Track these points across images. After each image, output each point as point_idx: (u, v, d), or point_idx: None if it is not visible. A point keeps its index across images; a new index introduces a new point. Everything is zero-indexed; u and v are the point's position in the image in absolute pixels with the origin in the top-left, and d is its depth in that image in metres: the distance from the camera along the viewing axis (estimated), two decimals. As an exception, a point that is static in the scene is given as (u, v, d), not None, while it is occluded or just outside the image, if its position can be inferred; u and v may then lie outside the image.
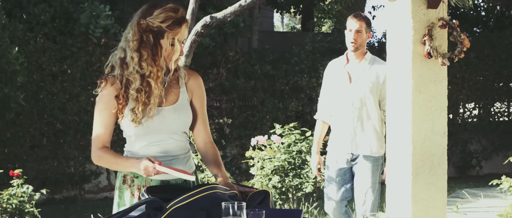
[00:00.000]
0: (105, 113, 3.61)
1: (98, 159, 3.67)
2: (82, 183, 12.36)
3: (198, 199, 3.29)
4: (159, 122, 3.59)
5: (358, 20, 6.30)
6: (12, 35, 10.63)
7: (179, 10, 3.57)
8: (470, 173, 15.77)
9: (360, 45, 6.29)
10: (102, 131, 3.63)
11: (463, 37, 5.61)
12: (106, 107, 3.60)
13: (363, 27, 6.28)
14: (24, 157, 11.38)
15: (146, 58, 3.51)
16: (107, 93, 3.60)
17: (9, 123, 10.65)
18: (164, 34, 3.51)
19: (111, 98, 3.58)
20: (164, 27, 3.50)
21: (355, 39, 6.26)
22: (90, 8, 11.61)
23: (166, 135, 3.64)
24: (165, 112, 3.62)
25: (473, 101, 15.88)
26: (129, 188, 3.69)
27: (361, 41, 6.28)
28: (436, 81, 5.64)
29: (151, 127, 3.58)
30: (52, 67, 11.68)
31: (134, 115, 3.54)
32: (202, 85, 3.81)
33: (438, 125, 5.67)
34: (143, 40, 3.51)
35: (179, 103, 3.66)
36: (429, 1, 5.58)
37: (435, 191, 5.69)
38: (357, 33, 6.27)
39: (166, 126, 3.62)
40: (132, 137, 3.65)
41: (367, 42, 6.52)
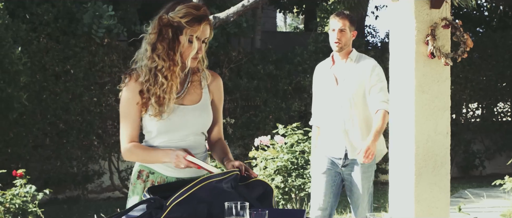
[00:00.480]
0: (131, 107, 3.63)
1: (130, 154, 3.68)
2: (85, 183, 12.37)
3: (196, 192, 3.30)
4: (181, 120, 3.62)
5: (341, 19, 6.01)
6: (15, 35, 10.63)
7: (201, 8, 3.58)
8: (473, 173, 15.75)
9: (344, 44, 6.00)
10: (129, 126, 3.65)
11: (466, 37, 5.61)
12: (131, 102, 3.62)
13: (346, 26, 5.99)
14: (27, 157, 11.39)
15: (161, 52, 3.53)
16: (131, 88, 3.62)
17: (12, 123, 10.66)
18: (183, 30, 3.53)
19: (135, 93, 3.60)
20: (183, 22, 3.51)
21: (339, 39, 5.97)
22: (93, 8, 11.61)
23: (186, 133, 3.66)
24: (188, 110, 3.65)
25: (476, 102, 15.85)
26: (143, 183, 3.70)
27: (346, 41, 5.99)
28: (439, 81, 5.64)
29: (173, 125, 3.61)
30: (55, 67, 11.68)
31: (153, 109, 3.57)
32: (222, 87, 3.86)
33: (441, 125, 5.67)
34: (161, 34, 3.54)
35: (201, 104, 3.70)
36: (432, 1, 5.58)
37: (438, 191, 5.69)
38: (340, 32, 5.98)
39: (187, 125, 3.65)
40: (153, 133, 3.66)
41: (370, 42, 6.44)
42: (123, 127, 3.67)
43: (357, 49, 15.46)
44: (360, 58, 6.06)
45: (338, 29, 5.98)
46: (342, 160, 6.05)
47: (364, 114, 5.97)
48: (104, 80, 12.21)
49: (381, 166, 14.63)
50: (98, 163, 12.49)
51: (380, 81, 5.93)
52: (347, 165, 6.04)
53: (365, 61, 6.02)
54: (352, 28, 6.04)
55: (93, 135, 12.08)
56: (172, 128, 3.62)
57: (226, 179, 3.40)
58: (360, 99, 5.93)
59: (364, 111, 5.97)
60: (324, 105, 6.18)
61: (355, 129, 5.98)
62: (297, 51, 14.34)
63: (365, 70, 5.93)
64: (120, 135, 3.69)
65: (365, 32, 17.31)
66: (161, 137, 3.64)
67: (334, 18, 6.05)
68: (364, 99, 5.94)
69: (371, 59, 6.03)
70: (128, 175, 12.72)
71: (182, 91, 3.66)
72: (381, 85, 5.92)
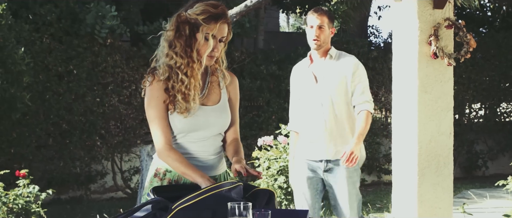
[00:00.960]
0: (160, 107, 3.60)
1: (166, 159, 3.63)
2: (88, 183, 12.38)
3: (204, 199, 3.30)
4: (204, 120, 3.63)
5: (320, 15, 5.64)
6: (18, 36, 10.64)
7: (218, 7, 3.57)
8: (476, 173, 15.75)
9: (323, 42, 5.63)
10: (163, 126, 3.61)
11: (469, 38, 5.61)
12: (159, 101, 3.60)
13: (325, 23, 5.61)
14: (30, 157, 11.40)
15: (178, 49, 3.53)
16: (156, 87, 3.59)
17: (15, 123, 10.67)
18: (199, 27, 3.52)
19: (161, 92, 3.58)
20: (200, 20, 3.50)
21: (317, 36, 5.61)
22: (96, 9, 11.62)
23: (208, 133, 3.68)
24: (210, 111, 3.66)
25: (479, 102, 15.85)
26: (160, 181, 3.70)
27: (324, 38, 5.62)
28: (442, 81, 5.64)
29: (196, 124, 3.62)
30: (58, 67, 11.69)
31: (179, 106, 3.56)
32: (238, 87, 3.89)
33: (444, 125, 5.67)
34: (179, 31, 3.53)
35: (221, 104, 3.72)
36: (435, 1, 5.58)
37: (441, 191, 5.69)
38: (319, 29, 5.60)
39: (210, 125, 3.66)
40: (177, 132, 3.66)
41: (373, 43, 6.38)
42: (156, 127, 3.62)
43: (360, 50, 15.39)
44: (340, 55, 5.71)
45: (316, 26, 5.63)
46: (324, 163, 5.64)
47: (347, 113, 5.60)
48: (107, 81, 12.21)
49: (384, 166, 14.65)
50: (101, 163, 12.50)
51: (363, 81, 5.60)
52: (330, 169, 5.63)
53: (346, 58, 5.66)
54: (330, 25, 5.69)
55: (96, 135, 12.09)
56: (195, 127, 3.62)
57: (235, 188, 3.41)
58: (342, 97, 5.57)
59: (347, 109, 5.60)
60: (303, 106, 5.80)
61: (338, 128, 5.60)
62: (300, 51, 14.32)
63: (347, 68, 5.58)
64: (153, 135, 3.64)
65: (368, 32, 17.31)
66: (183, 135, 3.65)
67: (312, 15, 5.69)
68: (346, 97, 5.58)
69: (352, 56, 5.69)
70: (131, 175, 12.72)
71: (204, 92, 3.67)
72: (363, 84, 5.59)
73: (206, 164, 3.69)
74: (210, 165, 3.71)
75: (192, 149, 3.67)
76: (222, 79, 3.76)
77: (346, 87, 5.56)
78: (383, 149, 14.70)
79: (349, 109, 5.59)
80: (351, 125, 5.59)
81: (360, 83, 5.56)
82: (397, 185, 5.89)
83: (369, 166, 14.55)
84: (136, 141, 12.61)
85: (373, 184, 14.62)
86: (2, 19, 9.65)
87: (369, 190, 13.91)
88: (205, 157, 3.70)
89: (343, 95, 5.57)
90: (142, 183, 9.34)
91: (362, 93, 5.54)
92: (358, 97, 5.54)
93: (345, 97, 5.57)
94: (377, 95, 14.72)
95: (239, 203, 3.04)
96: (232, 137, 3.84)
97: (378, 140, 14.63)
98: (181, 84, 3.54)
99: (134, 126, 12.52)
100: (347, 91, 5.57)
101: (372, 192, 13.59)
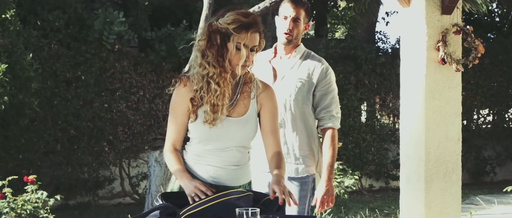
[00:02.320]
0: (178, 112, 3.64)
1: (165, 158, 3.73)
2: (95, 189, 12.38)
3: (211, 206, 3.30)
4: (223, 131, 3.61)
5: (297, 7, 4.87)
6: (27, 42, 10.68)
7: (249, 16, 3.58)
8: (484, 179, 15.72)
9: (295, 38, 4.89)
10: (174, 130, 3.67)
11: (477, 43, 5.60)
12: (179, 107, 3.64)
13: (301, 16, 4.87)
14: (38, 163, 11.43)
15: (210, 59, 3.53)
16: (179, 93, 3.63)
17: (24, 129, 10.70)
18: (230, 37, 3.52)
19: (183, 99, 3.61)
20: (231, 29, 3.51)
21: (290, 30, 4.84)
22: (104, 15, 11.65)
23: (226, 145, 3.66)
24: (231, 122, 3.63)
25: (487, 108, 15.82)
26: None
27: (298, 33, 4.90)
28: (450, 87, 5.64)
29: (213, 134, 3.61)
30: (66, 73, 11.72)
31: (206, 116, 3.56)
32: (274, 98, 3.81)
33: (452, 131, 5.66)
34: (210, 41, 3.54)
35: (247, 116, 3.68)
36: (443, 7, 5.58)
37: (449, 197, 5.68)
38: (293, 22, 4.84)
39: (229, 136, 3.65)
40: (196, 139, 3.68)
41: (381, 48, 6.18)
42: (169, 128, 3.70)
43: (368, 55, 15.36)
44: (309, 56, 4.97)
45: (291, 17, 4.85)
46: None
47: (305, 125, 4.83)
48: (115, 87, 12.23)
49: (391, 172, 14.62)
50: (109, 169, 12.51)
51: (331, 90, 4.88)
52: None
53: (315, 60, 4.93)
54: (306, 20, 4.96)
55: (104, 141, 12.11)
56: (212, 137, 3.62)
57: (244, 197, 3.40)
58: (300, 104, 4.80)
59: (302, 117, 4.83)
60: None
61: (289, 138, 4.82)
62: (307, 57, 14.31)
63: (314, 73, 4.85)
64: (167, 133, 3.72)
65: (376, 38, 17.30)
66: (202, 144, 3.66)
67: (288, 3, 4.89)
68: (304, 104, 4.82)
69: (321, 60, 4.97)
70: (139, 181, 12.73)
71: (233, 101, 3.65)
72: (332, 95, 4.87)
73: (225, 174, 3.67)
74: (231, 176, 3.69)
75: (211, 158, 3.66)
76: (253, 89, 3.72)
77: (307, 95, 4.83)
78: (391, 155, 14.68)
79: (309, 121, 4.86)
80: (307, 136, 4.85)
81: (327, 94, 4.87)
82: (405, 190, 5.88)
83: (376, 172, 14.54)
84: (144, 147, 12.62)
85: (381, 190, 14.60)
86: (10, 25, 9.68)
87: (377, 196, 13.90)
88: (224, 168, 3.67)
89: (301, 101, 4.81)
90: (150, 188, 9.34)
91: (328, 106, 4.85)
92: (324, 111, 4.84)
93: (303, 105, 4.82)
94: (385, 101, 14.72)
95: (247, 209, 3.04)
96: (274, 150, 3.76)
97: (386, 146, 14.62)
98: (211, 95, 3.54)
99: (142, 131, 12.53)
100: (309, 100, 4.84)
101: (380, 198, 13.57)
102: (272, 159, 3.73)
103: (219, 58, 3.53)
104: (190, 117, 3.62)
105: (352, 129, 14.27)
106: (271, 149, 3.75)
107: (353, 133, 14.26)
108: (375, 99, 15.08)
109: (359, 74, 14.39)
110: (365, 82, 14.50)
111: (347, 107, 14.24)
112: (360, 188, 14.21)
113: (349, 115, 14.31)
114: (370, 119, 14.96)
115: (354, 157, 14.02)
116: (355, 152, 14.08)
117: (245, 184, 3.77)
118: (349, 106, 14.24)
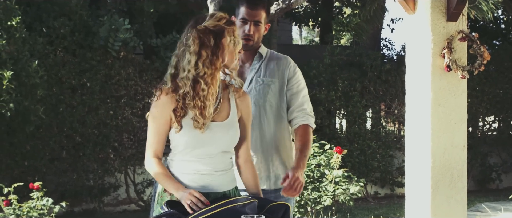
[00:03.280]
0: (160, 122, 3.65)
1: (149, 168, 3.72)
2: (101, 196, 12.39)
3: (217, 213, 3.30)
4: (210, 136, 3.64)
5: (257, 8, 4.43)
6: (32, 49, 10.70)
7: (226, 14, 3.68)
8: (489, 186, 15.69)
9: (256, 42, 4.48)
10: (155, 139, 3.68)
11: (483, 50, 5.60)
12: (160, 117, 3.64)
13: (262, 18, 4.46)
14: (43, 170, 11.43)
15: (205, 59, 3.55)
16: (160, 103, 3.63)
17: (29, 136, 10.71)
18: (224, 32, 3.59)
19: (165, 109, 3.62)
20: (222, 25, 3.58)
21: (251, 34, 4.42)
22: (109, 22, 11.67)
23: (214, 150, 3.67)
24: (217, 127, 3.66)
25: (492, 114, 15.81)
26: (169, 196, 3.69)
27: (259, 37, 4.49)
28: (455, 94, 5.63)
29: (202, 140, 3.62)
30: (72, 80, 11.73)
31: (196, 122, 3.58)
32: (250, 104, 3.88)
33: (458, 138, 5.65)
34: (204, 42, 3.56)
35: (230, 120, 3.72)
36: (448, 14, 5.57)
37: (455, 204, 5.66)
38: (254, 25, 4.43)
39: (216, 141, 3.66)
40: (180, 147, 3.67)
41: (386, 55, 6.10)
42: (150, 138, 3.71)
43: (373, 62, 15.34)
44: (273, 56, 4.59)
45: (252, 21, 4.43)
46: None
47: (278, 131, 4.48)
48: (120, 94, 12.24)
49: (397, 179, 14.60)
50: (114, 176, 12.51)
51: (302, 88, 4.56)
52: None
53: (281, 60, 4.57)
54: (266, 20, 4.53)
55: (109, 148, 12.11)
56: (200, 142, 3.62)
57: (249, 204, 3.41)
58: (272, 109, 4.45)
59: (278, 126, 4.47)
60: None
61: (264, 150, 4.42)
62: (313, 64, 14.34)
63: (282, 72, 4.52)
64: (146, 145, 3.73)
65: (381, 45, 17.31)
66: (188, 151, 3.65)
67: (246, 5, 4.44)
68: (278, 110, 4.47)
69: (287, 58, 4.62)
70: (144, 188, 12.72)
71: (216, 106, 3.68)
72: (303, 93, 4.56)
73: (212, 180, 3.67)
74: (219, 182, 3.70)
75: (198, 166, 3.66)
76: (232, 95, 3.76)
77: (278, 97, 4.49)
78: (396, 162, 14.67)
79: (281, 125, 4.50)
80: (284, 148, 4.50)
81: (299, 92, 4.54)
82: (410, 198, 5.87)
83: (382, 179, 14.52)
84: (149, 154, 12.61)
85: (386, 197, 14.59)
86: (16, 32, 9.70)
87: (383, 203, 13.88)
88: (211, 174, 3.68)
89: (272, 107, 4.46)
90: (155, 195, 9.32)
91: (301, 104, 4.53)
92: (297, 110, 4.51)
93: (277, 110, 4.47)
94: (390, 108, 14.71)
95: (253, 215, 3.05)
96: (247, 158, 3.84)
97: (391, 153, 14.61)
98: (198, 98, 3.55)
99: (147, 138, 12.52)
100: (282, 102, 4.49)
101: (385, 205, 13.55)
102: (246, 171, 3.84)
103: (213, 58, 3.56)
104: (173, 127, 3.63)
105: (357, 136, 14.26)
106: (244, 156, 3.84)
107: (358, 140, 14.25)
108: (381, 106, 15.08)
109: (364, 81, 14.40)
110: (371, 89, 14.50)
111: (352, 114, 14.24)
112: (365, 195, 14.20)
113: (355, 121, 14.31)
114: (376, 125, 14.95)
115: (359, 164, 14.01)
116: (361, 159, 14.07)
117: (232, 188, 3.78)
118: (354, 113, 14.24)
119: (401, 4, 5.67)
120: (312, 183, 8.87)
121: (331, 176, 8.70)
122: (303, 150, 4.33)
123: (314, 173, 8.88)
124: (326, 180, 8.83)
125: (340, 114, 14.94)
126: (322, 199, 8.74)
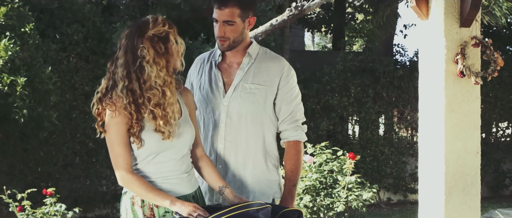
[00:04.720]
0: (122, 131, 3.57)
1: (129, 185, 3.61)
2: (114, 202, 12.40)
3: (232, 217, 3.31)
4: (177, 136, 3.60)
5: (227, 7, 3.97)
6: (45, 55, 10.75)
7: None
8: (503, 192, 15.62)
9: (234, 41, 4.04)
10: (122, 150, 3.59)
11: (496, 56, 5.58)
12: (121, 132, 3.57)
13: (235, 15, 3.98)
14: (57, 176, 11.48)
15: (162, 67, 3.52)
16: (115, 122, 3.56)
17: (42, 142, 10.76)
18: (169, 36, 3.57)
19: (121, 126, 3.55)
20: (167, 29, 3.57)
21: (223, 35, 4.01)
22: (122, 28, 11.68)
23: (182, 149, 3.64)
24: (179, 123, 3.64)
25: (506, 121, 15.75)
26: (140, 208, 3.63)
27: (236, 36, 4.03)
28: (469, 100, 5.61)
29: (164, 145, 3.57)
30: (85, 86, 11.77)
31: (162, 133, 3.51)
32: (193, 100, 3.90)
33: (471, 144, 5.63)
34: (157, 51, 3.52)
35: (184, 117, 3.69)
36: (461, 19, 5.56)
37: (468, 211, 5.64)
38: (226, 25, 4.00)
39: (183, 137, 3.64)
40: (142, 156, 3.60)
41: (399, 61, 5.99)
42: (115, 150, 3.61)
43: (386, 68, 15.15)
44: (265, 56, 4.17)
45: (221, 21, 4.01)
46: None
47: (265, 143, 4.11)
48: (133, 100, 12.25)
49: (410, 185, 14.56)
50: (127, 182, 12.51)
51: (295, 96, 4.18)
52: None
53: (274, 62, 4.15)
54: (245, 15, 4.03)
55: (122, 154, 12.11)
56: (163, 147, 3.56)
57: (263, 209, 3.41)
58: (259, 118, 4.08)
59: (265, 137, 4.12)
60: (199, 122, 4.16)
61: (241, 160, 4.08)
62: (325, 70, 14.32)
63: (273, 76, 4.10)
64: (114, 159, 3.62)
65: (394, 51, 17.29)
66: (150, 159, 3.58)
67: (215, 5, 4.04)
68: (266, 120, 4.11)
69: (281, 60, 4.18)
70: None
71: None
72: (296, 102, 4.18)
73: (179, 183, 3.62)
74: (184, 184, 3.64)
75: (163, 170, 3.59)
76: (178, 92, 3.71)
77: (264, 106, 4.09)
78: (409, 168, 14.62)
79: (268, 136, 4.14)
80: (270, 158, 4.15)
81: (291, 101, 4.15)
82: (423, 204, 5.85)
83: (395, 185, 14.48)
84: (161, 160, 12.63)
85: (399, 203, 14.54)
86: (29, 38, 9.75)
87: (395, 209, 13.85)
88: (177, 177, 3.63)
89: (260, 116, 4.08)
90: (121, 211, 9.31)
91: (294, 115, 4.16)
92: (289, 122, 4.14)
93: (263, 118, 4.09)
94: (403, 114, 14.68)
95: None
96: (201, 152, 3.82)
97: (404, 159, 14.57)
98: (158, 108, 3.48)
99: (160, 144, 12.54)
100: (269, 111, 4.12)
101: (398, 211, 13.52)
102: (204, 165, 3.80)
103: (168, 64, 3.55)
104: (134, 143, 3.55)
105: (370, 142, 14.24)
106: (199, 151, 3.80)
107: (371, 146, 14.22)
108: (393, 112, 15.05)
109: (377, 87, 14.37)
110: (383, 95, 14.47)
111: (365, 121, 14.21)
112: (378, 201, 14.16)
113: (367, 128, 14.28)
114: (388, 132, 14.91)
115: (372, 170, 13.98)
116: (373, 165, 14.04)
117: (196, 189, 3.73)
118: (367, 119, 14.21)
119: (414, 10, 5.65)
120: (325, 189, 8.85)
121: (344, 182, 8.68)
122: (292, 179, 4.08)
123: (327, 179, 8.86)
124: (339, 186, 8.81)
125: (353, 120, 14.91)
126: (335, 205, 8.72)
